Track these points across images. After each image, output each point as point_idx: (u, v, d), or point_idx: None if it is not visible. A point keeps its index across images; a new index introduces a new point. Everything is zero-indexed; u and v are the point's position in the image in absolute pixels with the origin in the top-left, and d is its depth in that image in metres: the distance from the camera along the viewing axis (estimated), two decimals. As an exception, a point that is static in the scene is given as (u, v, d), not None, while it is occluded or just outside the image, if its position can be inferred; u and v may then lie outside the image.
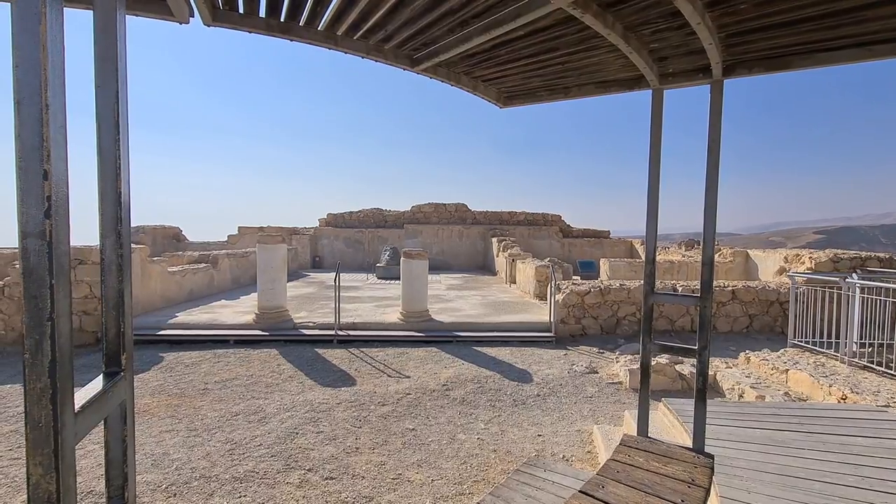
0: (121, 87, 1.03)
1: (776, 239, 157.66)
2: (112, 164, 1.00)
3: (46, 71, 0.71)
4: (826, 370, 5.37)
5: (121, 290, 1.02)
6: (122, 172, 1.02)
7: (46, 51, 0.71)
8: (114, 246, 1.01)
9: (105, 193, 1.00)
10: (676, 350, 2.74)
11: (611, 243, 20.38)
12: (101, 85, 1.02)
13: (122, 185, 1.01)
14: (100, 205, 1.01)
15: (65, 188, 0.75)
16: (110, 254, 1.01)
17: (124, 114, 1.04)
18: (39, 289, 0.70)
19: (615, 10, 1.99)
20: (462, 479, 3.60)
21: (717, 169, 2.44)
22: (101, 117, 1.01)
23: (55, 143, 0.72)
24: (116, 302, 1.02)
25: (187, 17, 1.91)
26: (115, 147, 1.01)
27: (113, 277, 1.02)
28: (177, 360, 6.58)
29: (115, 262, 1.01)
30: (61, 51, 0.75)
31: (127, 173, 1.04)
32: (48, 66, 0.71)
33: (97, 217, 1.01)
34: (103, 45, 1.02)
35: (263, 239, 8.21)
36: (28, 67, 0.70)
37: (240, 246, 17.39)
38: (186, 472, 3.60)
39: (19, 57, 0.70)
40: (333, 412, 4.81)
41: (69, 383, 0.76)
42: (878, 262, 9.34)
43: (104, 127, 1.01)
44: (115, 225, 1.01)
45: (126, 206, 1.03)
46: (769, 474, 2.90)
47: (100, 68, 1.02)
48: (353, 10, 2.11)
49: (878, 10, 1.95)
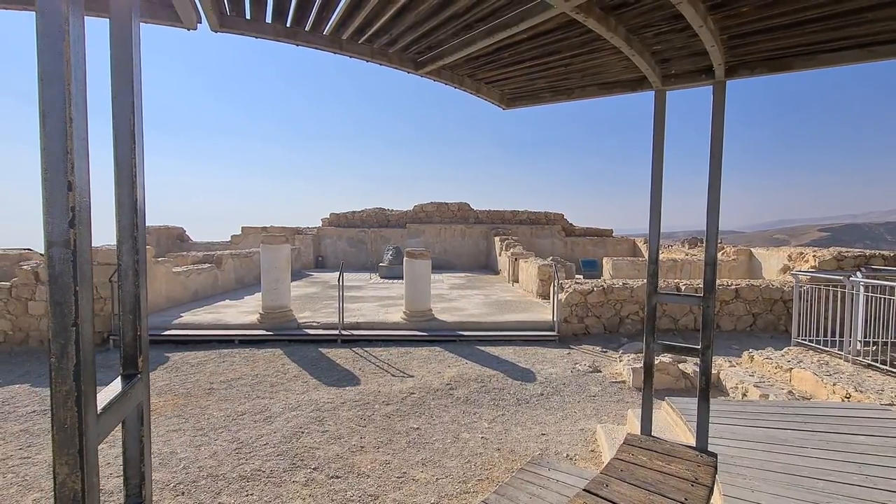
0: (136, 96, 1.05)
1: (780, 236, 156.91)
2: (128, 173, 1.03)
3: (70, 85, 0.74)
4: (830, 369, 5.37)
5: (137, 294, 1.05)
6: (138, 180, 1.05)
7: (70, 65, 0.74)
8: (130, 251, 1.04)
9: (122, 201, 1.03)
10: (679, 349, 2.76)
11: (614, 242, 20.35)
12: (117, 95, 1.04)
13: (137, 193, 1.04)
14: (116, 212, 1.04)
15: (87, 198, 0.78)
16: (127, 259, 1.04)
17: (139, 123, 1.06)
18: (64, 295, 0.73)
19: (618, 13, 2.01)
20: (466, 478, 3.62)
21: (719, 168, 2.46)
22: (118, 127, 1.04)
23: (78, 155, 0.75)
24: (133, 305, 1.05)
25: (195, 23, 1.94)
26: (131, 156, 1.04)
27: (130, 282, 1.04)
28: (182, 359, 6.63)
29: (131, 266, 1.04)
30: (83, 65, 0.78)
31: (142, 181, 1.07)
32: (71, 80, 0.74)
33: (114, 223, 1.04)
34: (119, 54, 1.05)
35: (267, 239, 8.25)
36: (52, 81, 0.73)
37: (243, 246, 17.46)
38: (194, 471, 3.64)
39: (44, 71, 0.73)
40: (338, 411, 4.85)
41: (92, 387, 0.79)
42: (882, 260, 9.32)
43: (120, 136, 1.03)
44: (131, 231, 1.04)
45: (141, 213, 1.06)
46: (773, 473, 2.91)
47: (116, 78, 1.05)
48: (359, 15, 2.14)
49: (879, 12, 1.96)
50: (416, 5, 2.05)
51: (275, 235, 8.38)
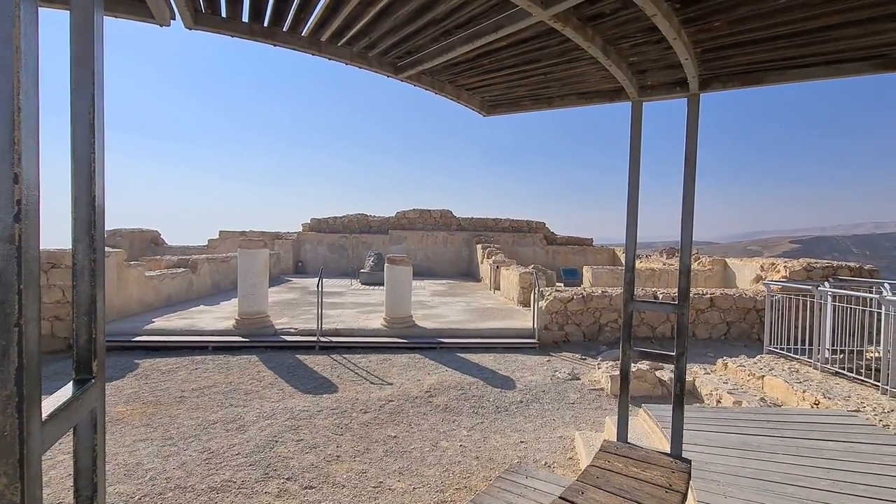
0: (97, 89, 1.01)
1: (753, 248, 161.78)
2: (86, 167, 0.99)
3: (20, 73, 0.70)
4: (800, 376, 5.51)
5: (93, 295, 1.00)
6: (97, 175, 1.00)
7: (20, 52, 0.70)
8: (86, 250, 0.99)
9: (78, 197, 0.99)
10: (655, 356, 2.79)
11: (594, 251, 20.64)
12: (76, 87, 1.00)
13: (96, 189, 0.99)
14: (73, 208, 0.99)
15: (36, 192, 0.74)
16: (83, 258, 0.99)
17: (100, 116, 1.02)
18: (7, 294, 0.69)
19: (595, 24, 2.05)
20: (444, 487, 3.58)
21: (693, 180, 2.51)
22: (76, 119, 0.99)
23: (26, 147, 0.71)
24: (88, 307, 1.00)
25: (168, 19, 1.89)
26: (90, 150, 0.99)
27: (85, 282, 0.99)
28: (153, 366, 6.42)
29: (87, 266, 0.99)
30: (35, 53, 0.74)
31: (102, 176, 1.02)
32: (21, 68, 0.70)
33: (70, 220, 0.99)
34: (79, 46, 1.01)
35: (245, 243, 8.10)
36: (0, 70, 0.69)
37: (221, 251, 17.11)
38: (161, 483, 3.50)
39: (-9, 59, 0.69)
40: (314, 420, 4.75)
41: (36, 391, 0.74)
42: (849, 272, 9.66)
43: (79, 129, 0.99)
44: (88, 229, 0.99)
45: (100, 210, 1.01)
46: (745, 478, 2.96)
47: (76, 70, 1.00)
48: (338, 18, 2.12)
49: (843, 31, 2.04)
50: (394, 9, 2.04)
51: (253, 240, 8.24)
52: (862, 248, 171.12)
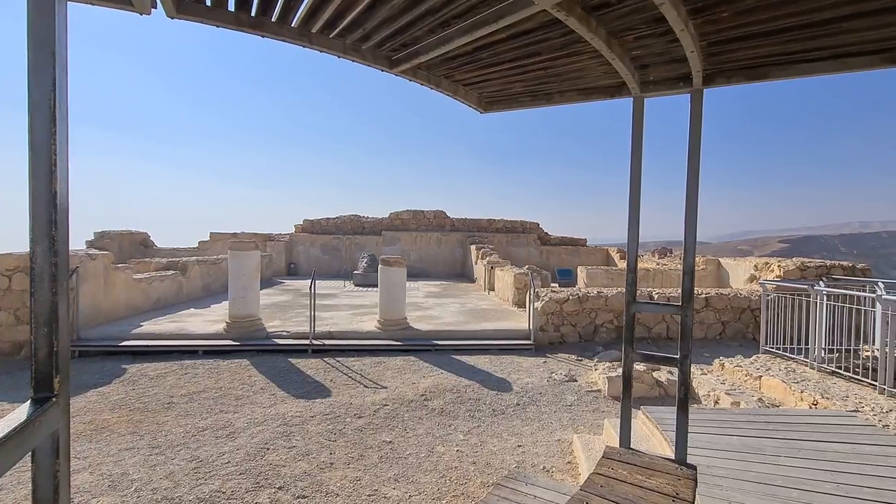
0: (59, 73, 0.91)
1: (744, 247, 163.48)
2: (46, 161, 0.88)
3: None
4: (797, 376, 5.48)
5: (55, 303, 0.89)
6: (59, 170, 0.89)
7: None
8: (46, 253, 0.88)
9: (37, 193, 0.88)
10: (659, 360, 2.71)
11: (588, 251, 20.64)
12: (35, 72, 0.89)
13: (57, 185, 0.89)
14: (31, 206, 0.88)
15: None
16: (42, 262, 0.88)
17: (63, 104, 0.91)
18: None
19: (600, 13, 1.96)
20: (441, 494, 3.48)
21: (697, 177, 2.44)
22: (35, 108, 0.89)
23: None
24: (49, 317, 0.89)
25: (149, 7, 1.77)
26: (51, 141, 0.89)
27: (45, 289, 0.89)
28: (140, 372, 6.25)
29: (47, 271, 0.88)
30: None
31: (65, 171, 0.92)
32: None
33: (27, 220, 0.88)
34: (39, 28, 0.90)
35: (235, 245, 7.94)
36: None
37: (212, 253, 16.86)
38: (147, 494, 3.37)
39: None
40: (307, 426, 4.63)
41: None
42: (842, 271, 9.70)
43: (38, 118, 0.88)
44: (48, 229, 0.89)
45: (63, 208, 0.91)
46: (748, 483, 2.89)
47: (34, 53, 0.90)
48: (329, 7, 2.02)
49: (853, 22, 1.98)
50: (389, -2, 1.95)
51: (244, 241, 8.08)
52: (849, 246, 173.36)
